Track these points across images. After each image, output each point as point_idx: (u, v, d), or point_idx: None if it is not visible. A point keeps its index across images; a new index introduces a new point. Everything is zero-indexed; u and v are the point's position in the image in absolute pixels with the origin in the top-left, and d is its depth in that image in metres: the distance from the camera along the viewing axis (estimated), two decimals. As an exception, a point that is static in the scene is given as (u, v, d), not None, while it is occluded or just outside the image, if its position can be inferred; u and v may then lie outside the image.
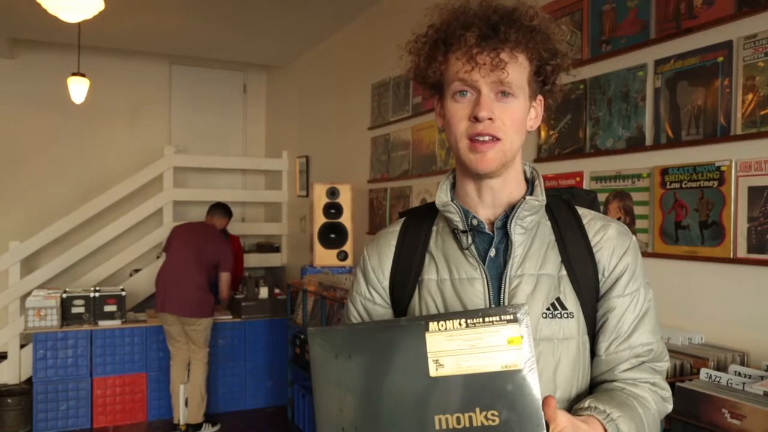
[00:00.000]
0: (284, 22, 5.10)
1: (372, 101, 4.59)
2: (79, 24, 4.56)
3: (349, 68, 5.07)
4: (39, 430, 4.40)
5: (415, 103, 4.00)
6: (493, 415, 0.84)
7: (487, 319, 0.86)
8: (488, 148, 1.01)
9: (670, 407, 1.09)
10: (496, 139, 1.01)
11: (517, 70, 1.01)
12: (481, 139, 1.01)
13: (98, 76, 5.69)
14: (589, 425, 0.92)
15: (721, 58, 2.08)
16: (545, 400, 0.85)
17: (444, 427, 0.84)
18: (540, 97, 1.09)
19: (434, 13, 1.06)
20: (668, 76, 2.26)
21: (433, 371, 0.86)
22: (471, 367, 0.85)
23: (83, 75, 5.16)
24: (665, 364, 1.10)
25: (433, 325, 0.87)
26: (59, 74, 5.50)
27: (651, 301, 1.08)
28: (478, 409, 0.84)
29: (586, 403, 0.98)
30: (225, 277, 4.36)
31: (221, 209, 4.58)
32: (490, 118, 1.00)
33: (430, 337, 0.87)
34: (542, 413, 0.84)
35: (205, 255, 4.28)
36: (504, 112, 1.01)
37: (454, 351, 0.86)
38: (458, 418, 0.84)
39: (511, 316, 0.86)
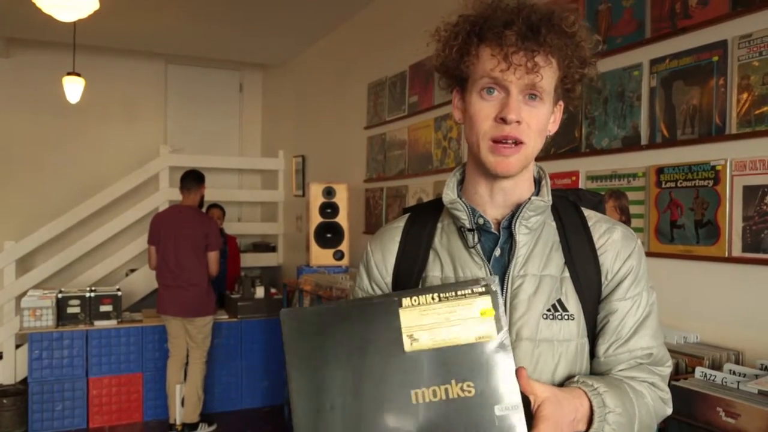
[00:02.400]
0: (281, 21, 5.09)
1: (368, 101, 4.59)
2: (74, 23, 4.54)
3: (345, 67, 5.07)
4: (35, 431, 4.38)
5: (411, 103, 4.00)
6: (468, 386, 0.85)
7: (459, 293, 0.89)
8: (512, 153, 1.00)
9: (668, 410, 1.07)
10: (520, 142, 1.00)
11: (550, 75, 0.99)
12: (505, 142, 0.99)
13: (93, 75, 5.68)
14: (573, 395, 0.93)
15: (716, 58, 2.09)
16: (517, 371, 0.87)
17: (421, 400, 0.85)
18: (561, 102, 1.08)
19: (468, 2, 1.03)
20: (663, 75, 2.27)
21: (408, 346, 0.87)
22: (445, 341, 0.87)
23: (78, 74, 5.14)
24: (667, 369, 1.08)
25: (406, 301, 0.89)
26: (54, 74, 5.49)
27: (653, 305, 1.07)
28: (453, 381, 0.85)
29: (575, 378, 0.99)
30: (213, 256, 4.30)
31: (194, 179, 4.36)
32: (518, 121, 0.98)
33: (403, 313, 0.88)
34: (518, 383, 0.86)
35: (195, 244, 4.21)
36: (531, 115, 0.99)
37: (428, 325, 0.88)
38: (434, 391, 0.85)
39: (483, 288, 0.89)
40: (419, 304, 0.89)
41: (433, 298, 0.89)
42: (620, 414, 0.95)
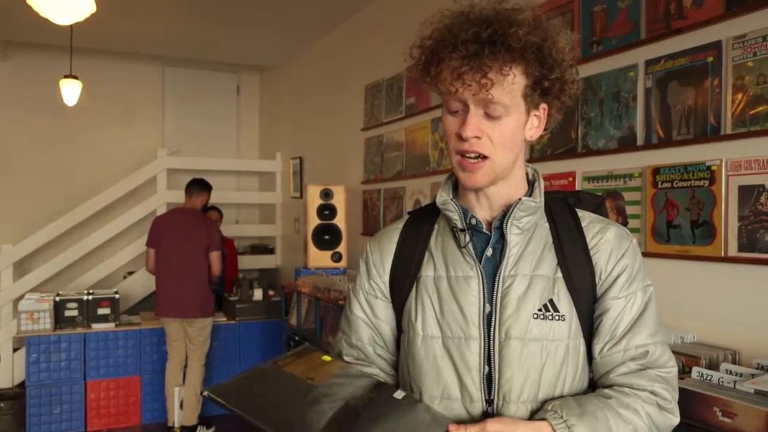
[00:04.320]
0: (278, 23, 5.10)
1: (365, 102, 4.59)
2: (71, 26, 4.54)
3: (342, 69, 5.07)
4: (32, 434, 4.38)
5: (408, 104, 4.01)
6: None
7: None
8: (477, 168, 1.01)
9: (674, 419, 1.04)
10: (483, 157, 1.00)
11: (506, 89, 0.97)
12: (468, 156, 1.00)
13: (91, 78, 5.67)
14: (533, 424, 0.97)
15: (710, 58, 2.10)
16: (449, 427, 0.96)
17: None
18: (543, 105, 1.06)
19: (437, 17, 1.04)
20: (659, 76, 2.28)
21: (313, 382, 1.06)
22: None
23: (75, 77, 5.14)
24: (671, 370, 1.05)
25: (284, 366, 1.11)
26: (51, 76, 5.47)
27: (650, 303, 1.06)
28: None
29: (550, 405, 0.99)
30: (216, 256, 4.30)
31: (198, 186, 4.43)
32: (477, 137, 0.99)
33: (290, 368, 1.10)
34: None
35: (197, 246, 4.22)
36: (492, 129, 0.99)
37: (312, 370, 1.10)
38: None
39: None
40: (299, 362, 1.12)
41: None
42: None
